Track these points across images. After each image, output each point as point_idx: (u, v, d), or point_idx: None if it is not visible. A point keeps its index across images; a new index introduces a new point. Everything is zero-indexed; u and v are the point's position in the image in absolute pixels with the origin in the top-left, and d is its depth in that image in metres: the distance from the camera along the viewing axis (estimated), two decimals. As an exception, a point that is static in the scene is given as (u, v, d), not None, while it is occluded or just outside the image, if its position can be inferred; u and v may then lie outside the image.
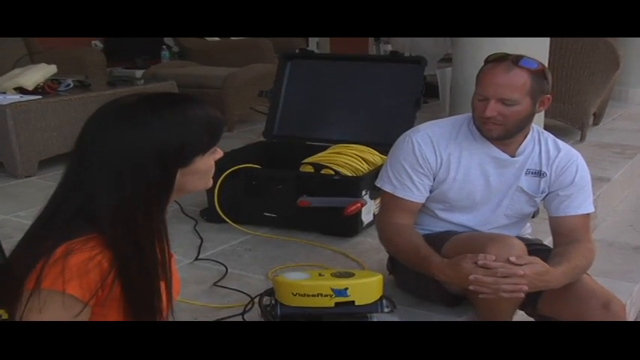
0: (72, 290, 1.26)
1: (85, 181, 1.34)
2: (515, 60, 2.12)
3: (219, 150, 1.46)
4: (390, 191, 2.30)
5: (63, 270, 1.25)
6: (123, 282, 1.32)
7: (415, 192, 2.27)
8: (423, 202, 2.30)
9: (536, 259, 2.03)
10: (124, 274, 1.32)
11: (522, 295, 2.03)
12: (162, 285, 1.40)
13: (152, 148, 1.33)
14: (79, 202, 1.33)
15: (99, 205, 1.32)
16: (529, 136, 2.26)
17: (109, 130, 1.35)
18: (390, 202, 2.32)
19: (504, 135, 2.18)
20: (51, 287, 1.26)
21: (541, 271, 2.02)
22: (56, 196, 1.38)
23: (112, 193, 1.32)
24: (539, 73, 2.14)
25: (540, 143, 2.28)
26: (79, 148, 1.37)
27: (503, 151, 2.24)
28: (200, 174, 1.43)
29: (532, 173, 2.26)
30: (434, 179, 2.27)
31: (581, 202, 2.26)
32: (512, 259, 1.98)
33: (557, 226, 2.27)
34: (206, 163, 1.43)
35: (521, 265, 1.97)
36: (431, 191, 2.29)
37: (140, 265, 1.34)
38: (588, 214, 2.27)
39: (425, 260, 2.14)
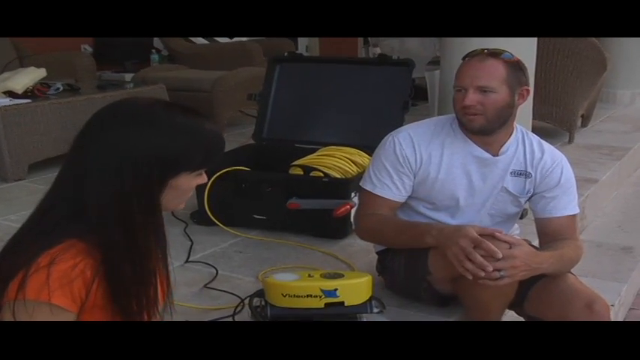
0: (57, 300, 1.25)
1: (82, 179, 1.31)
2: (490, 52, 2.18)
3: (204, 175, 1.45)
4: (369, 189, 2.32)
5: (47, 280, 1.24)
6: (112, 284, 1.30)
7: (394, 190, 2.29)
8: (402, 201, 2.32)
9: (525, 242, 2.06)
10: (114, 275, 1.30)
11: (516, 283, 2.02)
12: (159, 285, 1.39)
13: (155, 149, 1.32)
14: (72, 202, 1.31)
15: (94, 203, 1.30)
16: (513, 136, 2.28)
17: (116, 127, 1.33)
18: (368, 200, 2.34)
19: (485, 126, 2.19)
20: (37, 298, 1.24)
21: (532, 251, 2.05)
22: (47, 198, 1.36)
23: (111, 189, 1.30)
24: (513, 64, 2.19)
25: (525, 144, 2.30)
26: (80, 142, 1.35)
27: (486, 151, 2.26)
28: (179, 191, 1.41)
29: (517, 174, 2.28)
30: (414, 178, 2.29)
31: (567, 203, 2.28)
32: (498, 234, 1.99)
33: (544, 228, 2.29)
34: (189, 182, 1.41)
35: (506, 240, 1.98)
36: (414, 190, 2.31)
37: (133, 265, 1.32)
38: (574, 215, 2.29)
39: (420, 227, 2.21)
